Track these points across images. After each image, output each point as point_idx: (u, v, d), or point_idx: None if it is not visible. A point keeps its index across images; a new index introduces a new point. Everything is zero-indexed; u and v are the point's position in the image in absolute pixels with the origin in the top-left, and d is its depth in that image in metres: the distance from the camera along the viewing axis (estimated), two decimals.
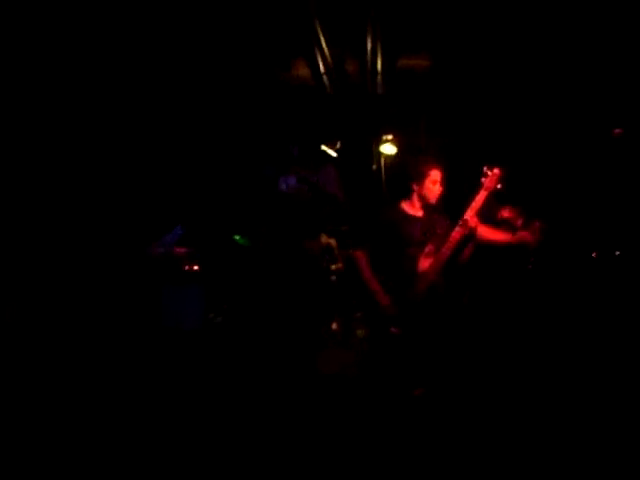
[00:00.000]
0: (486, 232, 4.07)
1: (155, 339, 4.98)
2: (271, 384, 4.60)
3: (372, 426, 3.89)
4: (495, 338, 4.41)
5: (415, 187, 4.09)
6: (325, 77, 5.67)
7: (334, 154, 6.02)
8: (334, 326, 5.49)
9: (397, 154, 6.15)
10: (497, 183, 3.95)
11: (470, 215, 3.93)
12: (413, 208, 4.14)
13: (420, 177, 4.07)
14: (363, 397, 4.28)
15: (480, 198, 3.95)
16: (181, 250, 5.41)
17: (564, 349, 4.36)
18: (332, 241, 5.72)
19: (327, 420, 4.05)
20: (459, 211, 3.97)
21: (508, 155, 4.56)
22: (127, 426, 3.87)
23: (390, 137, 6.11)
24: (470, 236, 3.97)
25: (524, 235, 4.36)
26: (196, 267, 5.40)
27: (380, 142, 6.13)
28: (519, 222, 4.66)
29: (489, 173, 3.96)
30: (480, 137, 5.69)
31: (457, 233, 3.93)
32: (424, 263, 4.00)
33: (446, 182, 4.10)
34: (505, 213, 4.69)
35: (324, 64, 5.53)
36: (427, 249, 4.01)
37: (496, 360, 4.38)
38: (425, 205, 4.11)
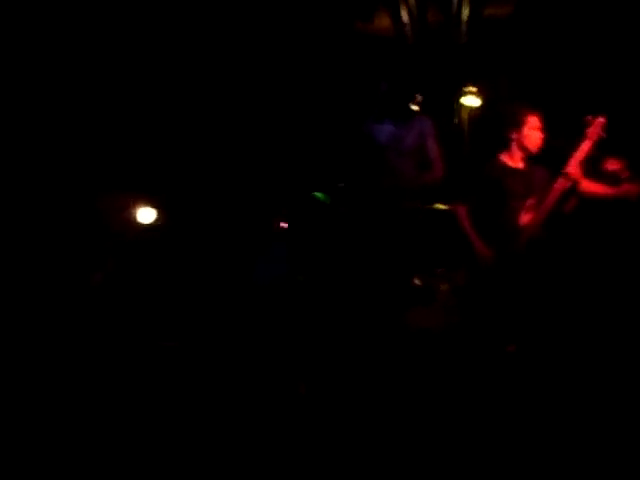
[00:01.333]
0: (589, 185, 3.91)
1: (245, 294, 5.05)
2: (351, 337, 4.60)
3: (459, 381, 3.86)
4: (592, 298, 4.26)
5: (514, 136, 3.95)
6: (408, 27, 5.52)
7: (416, 108, 5.88)
8: (417, 282, 5.46)
9: (481, 106, 5.98)
10: (601, 132, 3.78)
11: (573, 167, 3.79)
12: (513, 160, 4.00)
13: (518, 125, 3.93)
14: (453, 352, 4.24)
15: (584, 148, 3.79)
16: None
17: None
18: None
19: (410, 374, 4.04)
20: (561, 162, 3.84)
21: (608, 102, 4.33)
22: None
23: (474, 89, 5.94)
24: (573, 189, 3.84)
25: (629, 188, 4.16)
26: (284, 224, 5.42)
27: (463, 94, 5.97)
28: (625, 174, 4.42)
29: (593, 122, 3.79)
30: (574, 85, 5.45)
31: (559, 185, 3.80)
32: (526, 217, 3.89)
33: (545, 131, 3.95)
34: (610, 165, 4.45)
35: (408, 14, 5.38)
36: (528, 202, 3.90)
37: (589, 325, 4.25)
38: (526, 155, 3.97)
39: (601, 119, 3.78)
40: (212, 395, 3.81)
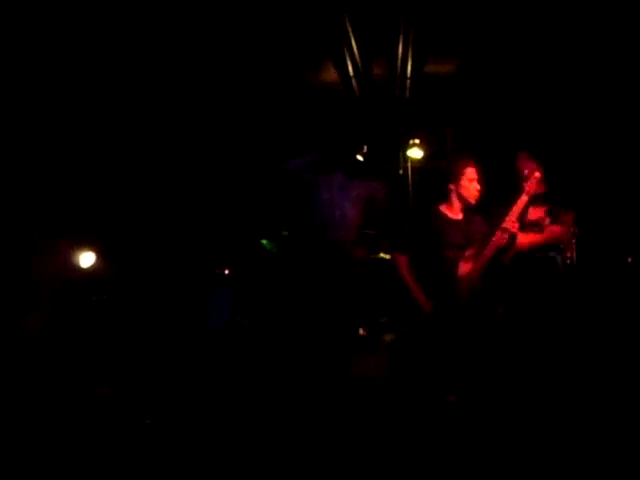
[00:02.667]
0: (523, 236, 4.03)
1: (193, 338, 4.97)
2: (296, 386, 4.55)
3: (400, 430, 3.84)
4: (529, 347, 4.33)
5: (452, 187, 4.03)
6: (354, 81, 5.64)
7: (361, 159, 5.98)
8: (361, 331, 5.46)
9: (423, 158, 6.13)
10: (537, 186, 3.90)
11: (511, 221, 3.88)
12: (452, 211, 4.07)
13: (456, 177, 4.00)
14: (393, 401, 4.23)
15: (521, 203, 3.89)
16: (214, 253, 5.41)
17: (601, 357, 4.30)
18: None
19: (356, 422, 4.00)
20: (497, 212, 3.93)
21: (537, 155, 4.47)
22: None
23: (417, 141, 6.09)
24: (511, 242, 3.93)
25: (555, 231, 4.28)
26: (227, 271, 5.39)
27: (407, 146, 6.11)
28: (546, 221, 4.56)
29: (530, 176, 3.90)
30: (508, 137, 5.63)
31: (497, 239, 3.88)
32: (464, 267, 3.95)
33: (481, 182, 4.05)
34: (533, 214, 4.58)
35: (353, 67, 5.50)
36: (467, 253, 3.97)
37: (528, 369, 4.32)
38: (465, 206, 4.04)
39: (537, 174, 3.90)
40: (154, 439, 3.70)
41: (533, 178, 3.89)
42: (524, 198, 3.90)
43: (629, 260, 4.47)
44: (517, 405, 3.95)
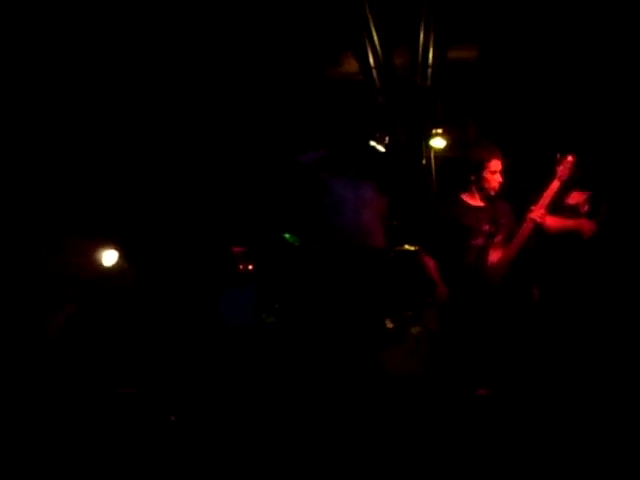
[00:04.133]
0: (551, 220, 3.93)
1: (212, 337, 4.94)
2: (323, 383, 4.52)
3: (430, 425, 3.78)
4: (566, 338, 4.23)
5: (473, 178, 3.96)
6: (374, 71, 5.57)
7: (383, 149, 5.91)
8: (389, 325, 5.41)
9: (446, 148, 6.03)
10: (570, 171, 3.80)
11: (542, 206, 3.80)
12: (474, 199, 4.02)
13: (479, 168, 3.94)
14: (425, 395, 4.17)
15: (553, 187, 3.81)
16: (237, 250, 5.37)
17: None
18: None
19: (384, 417, 3.95)
20: (527, 200, 3.85)
21: (575, 141, 4.36)
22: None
23: (439, 131, 6.00)
24: (536, 233, 3.85)
25: (584, 224, 4.14)
26: (251, 267, 5.35)
27: (430, 136, 6.02)
28: (585, 209, 4.42)
29: (562, 161, 3.80)
30: (540, 125, 5.52)
31: (528, 225, 3.81)
32: (495, 255, 3.89)
33: (507, 171, 3.96)
34: (573, 198, 4.43)
35: (374, 58, 5.44)
36: (497, 239, 3.89)
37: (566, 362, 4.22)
38: (485, 196, 3.98)
39: (570, 158, 3.80)
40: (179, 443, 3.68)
41: (566, 162, 3.80)
42: (556, 183, 3.82)
43: None
44: (552, 397, 3.88)
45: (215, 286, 5.34)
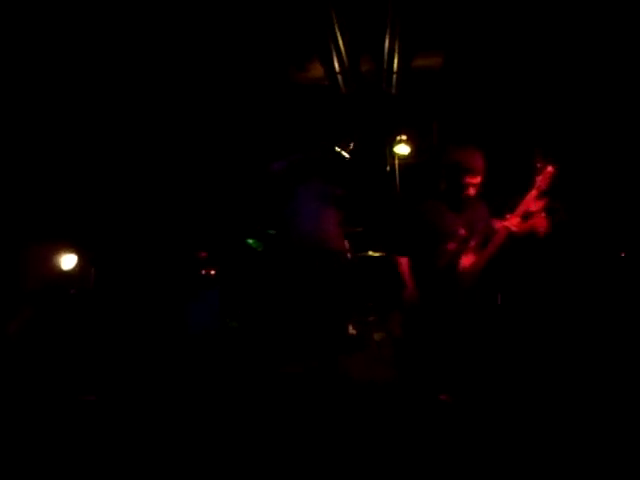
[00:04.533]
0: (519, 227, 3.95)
1: (175, 343, 4.87)
2: (285, 388, 4.49)
3: (393, 430, 3.78)
4: (529, 343, 4.28)
5: (444, 185, 3.94)
6: (340, 77, 5.58)
7: (347, 155, 5.92)
8: (351, 330, 5.40)
9: (411, 154, 6.07)
10: (550, 181, 3.77)
11: (515, 219, 3.80)
12: (451, 202, 3.97)
13: (454, 172, 3.89)
14: (387, 401, 4.17)
15: (530, 198, 3.80)
16: (200, 254, 5.31)
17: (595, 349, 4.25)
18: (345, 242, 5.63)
19: (348, 424, 3.94)
20: (503, 204, 3.85)
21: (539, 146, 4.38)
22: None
23: (404, 137, 6.02)
24: (508, 241, 3.86)
25: (535, 222, 4.12)
26: (213, 271, 5.30)
27: (394, 142, 6.04)
28: (537, 207, 4.41)
29: (542, 170, 3.78)
30: (505, 130, 5.56)
31: (503, 233, 3.80)
32: (467, 260, 3.88)
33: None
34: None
35: (339, 63, 5.44)
36: (469, 245, 3.89)
37: (527, 366, 4.26)
38: (462, 200, 3.94)
39: (550, 169, 3.78)
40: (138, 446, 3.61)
41: (546, 173, 3.78)
42: (533, 194, 3.80)
43: (622, 255, 4.42)
44: (514, 402, 3.91)
45: (179, 291, 5.27)
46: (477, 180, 3.89)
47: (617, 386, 3.97)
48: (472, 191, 3.90)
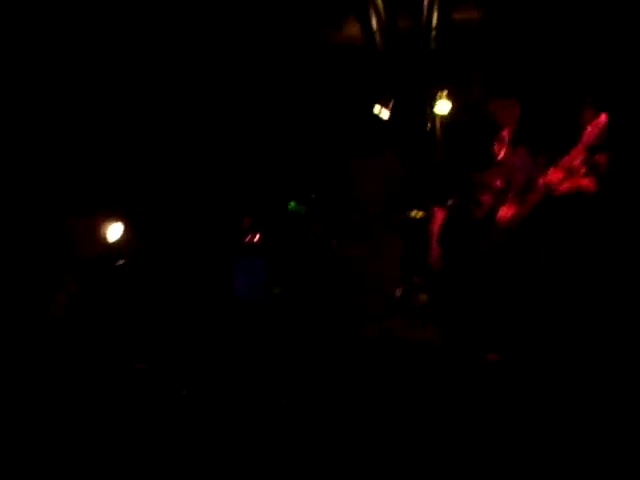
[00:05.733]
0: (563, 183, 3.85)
1: (223, 310, 4.94)
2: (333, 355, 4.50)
3: (441, 389, 3.77)
4: (572, 301, 4.18)
5: (485, 139, 3.87)
6: (377, 35, 5.47)
7: (387, 114, 5.83)
8: (397, 293, 5.38)
9: (453, 111, 5.94)
10: (601, 133, 3.59)
11: (559, 172, 3.70)
12: (490, 154, 3.87)
13: (492, 127, 3.83)
14: (435, 362, 4.16)
15: (576, 153, 3.66)
16: (245, 220, 5.33)
17: None
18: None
19: (395, 386, 3.95)
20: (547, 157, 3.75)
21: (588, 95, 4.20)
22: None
23: (444, 94, 5.90)
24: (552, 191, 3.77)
25: (582, 182, 4.00)
26: (257, 237, 5.32)
27: (434, 100, 5.93)
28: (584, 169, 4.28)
29: (593, 122, 3.58)
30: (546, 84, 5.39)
31: (540, 191, 3.71)
32: (505, 211, 3.80)
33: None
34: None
35: (377, 21, 5.33)
36: (508, 196, 3.81)
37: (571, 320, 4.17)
38: (506, 148, 3.86)
39: (602, 118, 3.58)
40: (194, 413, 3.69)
41: (597, 123, 3.58)
42: (580, 148, 3.65)
43: None
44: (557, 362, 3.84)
45: (225, 258, 5.31)
46: (504, 135, 3.81)
47: None
48: (499, 146, 3.82)
